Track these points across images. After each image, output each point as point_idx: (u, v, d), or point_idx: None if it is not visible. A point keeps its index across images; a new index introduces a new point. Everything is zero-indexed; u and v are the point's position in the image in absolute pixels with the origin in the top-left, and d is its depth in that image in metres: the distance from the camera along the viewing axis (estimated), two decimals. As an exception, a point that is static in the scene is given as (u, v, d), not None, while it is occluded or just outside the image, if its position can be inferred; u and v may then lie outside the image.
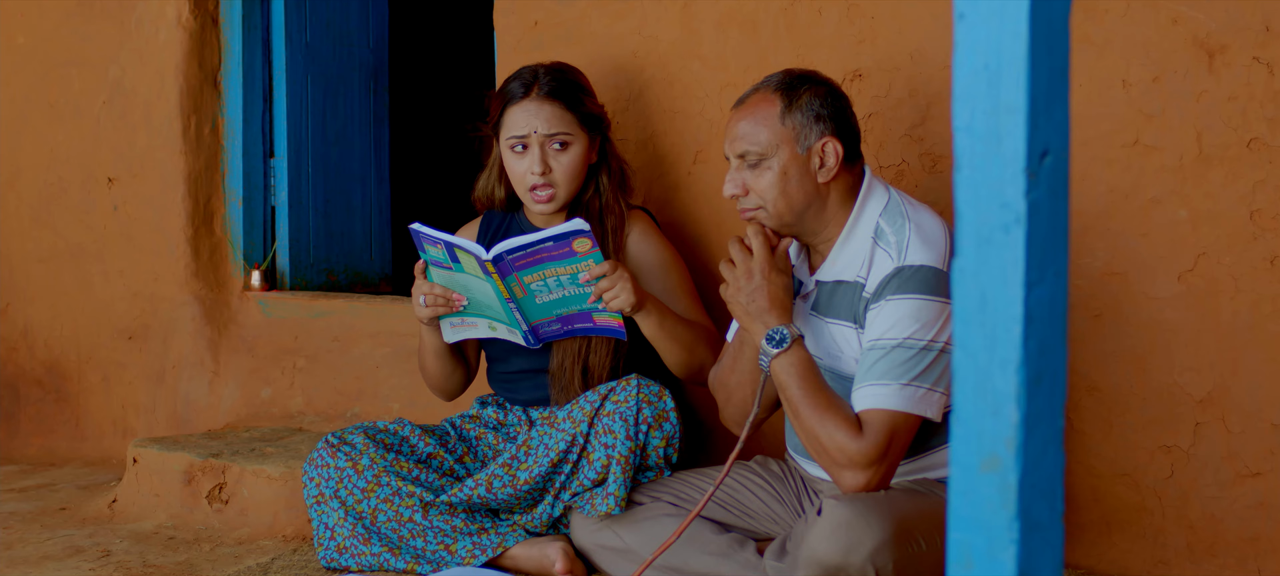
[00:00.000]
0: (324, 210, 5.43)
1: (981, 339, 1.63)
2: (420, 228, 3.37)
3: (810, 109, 3.02)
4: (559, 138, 3.61)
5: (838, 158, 3.02)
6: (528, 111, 3.60)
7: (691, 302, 3.68)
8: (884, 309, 2.92)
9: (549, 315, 3.45)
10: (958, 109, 1.63)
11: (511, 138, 3.61)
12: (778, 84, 3.07)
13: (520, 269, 3.33)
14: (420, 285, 3.51)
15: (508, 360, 3.73)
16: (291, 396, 4.95)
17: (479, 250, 3.32)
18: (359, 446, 3.53)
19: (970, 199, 1.63)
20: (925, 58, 3.55)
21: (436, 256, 3.42)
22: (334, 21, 5.47)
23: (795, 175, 3.01)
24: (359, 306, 4.91)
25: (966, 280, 1.64)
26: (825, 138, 3.02)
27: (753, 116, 3.05)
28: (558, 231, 3.30)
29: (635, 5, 4.05)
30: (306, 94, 5.36)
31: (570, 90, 3.65)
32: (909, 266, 2.92)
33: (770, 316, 2.99)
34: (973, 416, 1.64)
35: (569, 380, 3.59)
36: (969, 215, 1.63)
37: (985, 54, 1.62)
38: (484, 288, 3.40)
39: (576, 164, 3.65)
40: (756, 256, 3.03)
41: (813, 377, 2.94)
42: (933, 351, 2.89)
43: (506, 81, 3.69)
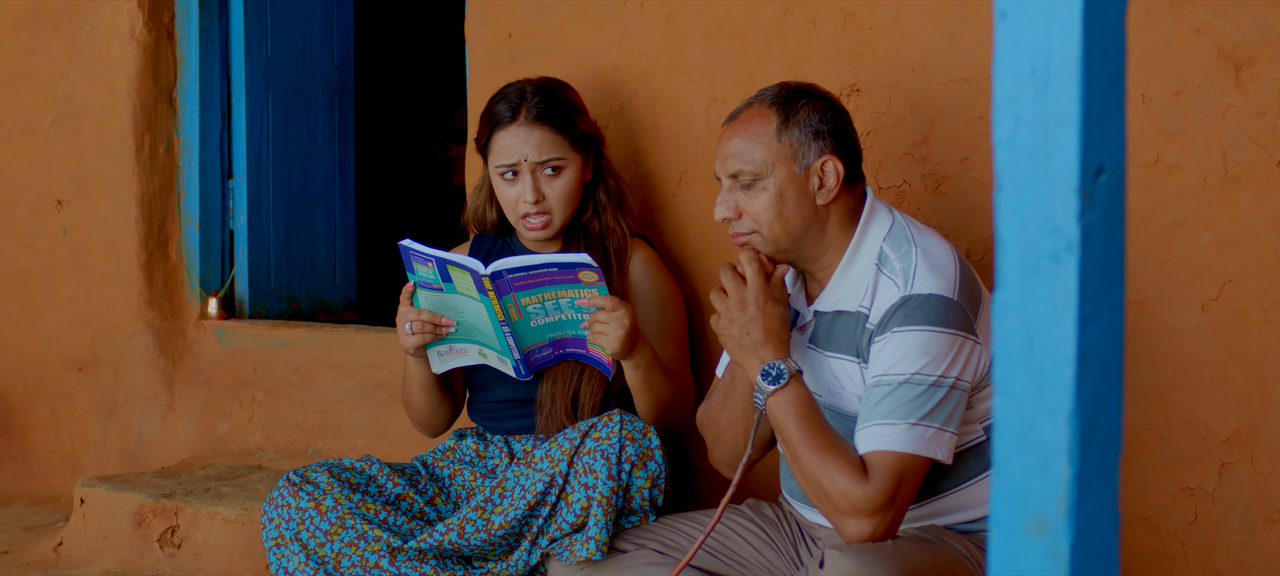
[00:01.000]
0: (285, 234, 5.40)
1: (1027, 383, 1.46)
2: (411, 244, 3.26)
3: (809, 125, 2.88)
4: (551, 163, 3.50)
5: (839, 177, 2.88)
6: (516, 137, 3.48)
7: (678, 351, 3.58)
8: (890, 342, 2.77)
9: (542, 339, 3.34)
10: (999, 121, 1.47)
11: (500, 165, 3.50)
12: (773, 98, 2.93)
13: (519, 289, 3.21)
14: (406, 311, 3.37)
15: (492, 388, 3.61)
16: (250, 431, 4.86)
17: (476, 265, 3.19)
18: (322, 485, 3.36)
19: (1014, 223, 1.46)
20: (928, 71, 3.42)
21: (426, 276, 3.29)
22: (296, 35, 5.45)
23: (792, 197, 2.87)
24: (322, 336, 4.86)
25: (1009, 316, 1.47)
26: (825, 156, 2.88)
27: (746, 133, 2.90)
28: (563, 259, 3.18)
29: (616, 16, 3.93)
30: (267, 111, 5.34)
31: (561, 111, 3.53)
32: (917, 295, 2.78)
33: (766, 350, 2.84)
34: (1017, 472, 1.47)
35: (556, 410, 3.46)
36: (1012, 242, 1.46)
37: (1031, 57, 1.45)
38: (476, 309, 3.27)
39: (571, 188, 3.53)
40: (750, 285, 2.89)
41: (813, 417, 2.79)
42: (943, 387, 2.74)
43: (493, 101, 3.56)
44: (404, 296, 3.38)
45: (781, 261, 2.95)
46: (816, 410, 2.81)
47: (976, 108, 3.33)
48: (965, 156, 3.36)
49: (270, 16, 5.34)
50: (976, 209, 3.35)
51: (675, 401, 3.42)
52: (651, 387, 3.36)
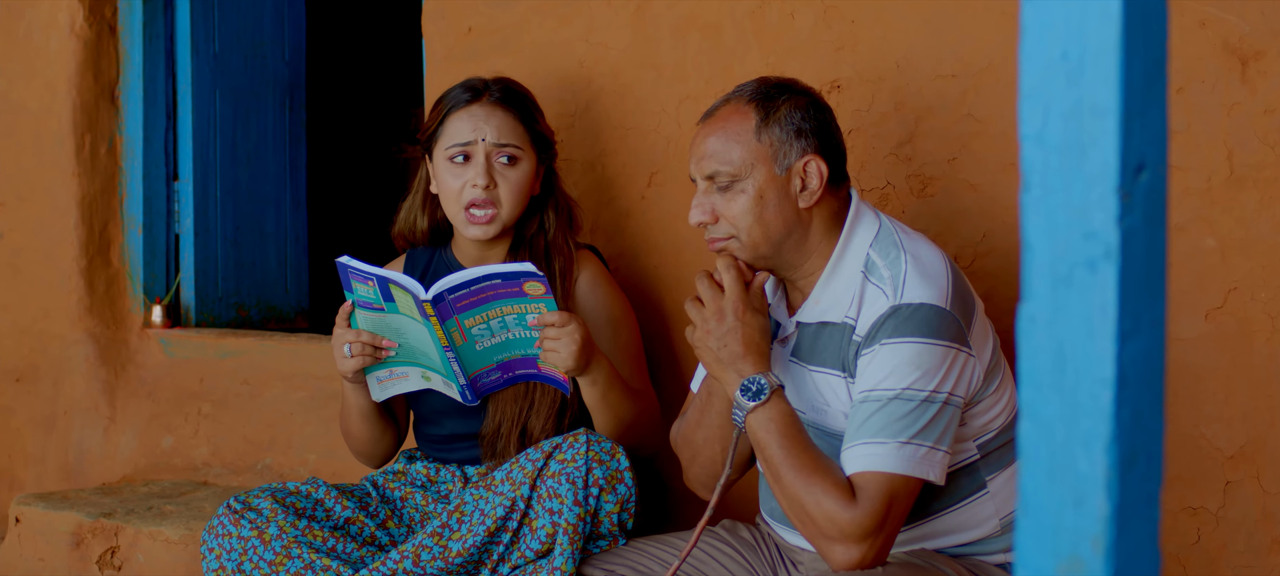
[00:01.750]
0: (234, 238, 5.31)
1: (1058, 408, 1.32)
2: (349, 261, 3.11)
3: (790, 122, 2.76)
4: (509, 150, 3.37)
5: (822, 179, 2.76)
6: (475, 116, 3.36)
7: (637, 369, 3.45)
8: (879, 354, 2.65)
9: (489, 362, 3.21)
10: (1026, 112, 1.33)
11: (453, 146, 3.35)
12: (752, 94, 2.80)
13: (462, 310, 3.09)
14: (343, 333, 3.23)
15: (439, 422, 3.46)
16: (196, 446, 4.76)
17: (416, 288, 3.06)
18: (266, 512, 3.21)
19: (1043, 227, 1.32)
20: (913, 66, 3.30)
21: (366, 296, 3.15)
22: (245, 31, 5.36)
23: (773, 199, 2.75)
24: (272, 345, 4.77)
25: (1038, 331, 1.32)
26: (807, 156, 2.75)
27: (723, 132, 2.78)
28: (507, 269, 3.05)
29: (582, 9, 3.82)
30: (214, 110, 5.24)
31: (523, 102, 3.44)
32: (907, 305, 2.65)
33: (745, 364, 2.72)
34: (1047, 507, 1.32)
35: (505, 445, 3.32)
36: (1041, 248, 1.32)
37: (1063, 40, 1.31)
38: (419, 332, 3.14)
39: (523, 184, 3.40)
40: (728, 294, 2.75)
41: (796, 435, 2.67)
42: (935, 403, 2.62)
43: (449, 90, 3.44)
44: (341, 317, 3.24)
45: (761, 269, 2.82)
46: (800, 428, 2.69)
47: (965, 105, 3.23)
48: (953, 156, 3.25)
49: (218, 11, 5.24)
50: (965, 212, 3.25)
51: (638, 420, 3.30)
52: (611, 405, 3.23)
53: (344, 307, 3.22)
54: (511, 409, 3.32)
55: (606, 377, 3.18)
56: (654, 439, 3.36)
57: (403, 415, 3.54)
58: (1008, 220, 3.18)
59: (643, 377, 3.45)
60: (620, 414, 3.24)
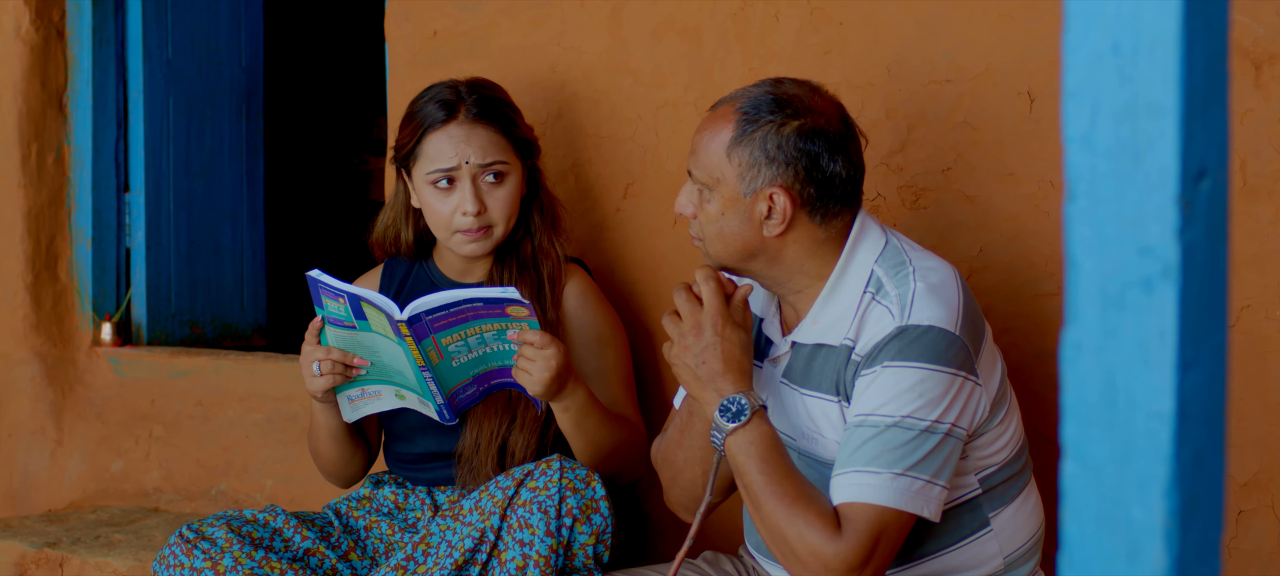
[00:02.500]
0: (187, 253, 5.21)
1: (1109, 446, 1.18)
2: (320, 276, 3.00)
3: (763, 147, 2.62)
4: (495, 167, 3.24)
5: (785, 215, 2.62)
6: (455, 138, 3.22)
7: (624, 391, 3.34)
8: (880, 377, 2.53)
9: (465, 377, 3.10)
10: (1071, 112, 1.20)
11: (435, 171, 3.21)
12: (745, 103, 2.67)
13: (439, 330, 2.98)
14: (312, 350, 3.11)
15: (412, 440, 3.33)
16: (147, 470, 4.67)
17: (391, 308, 2.95)
18: (220, 542, 3.08)
19: (1091, 242, 1.19)
20: (906, 70, 3.20)
21: (337, 313, 3.04)
22: (200, 35, 5.25)
23: (734, 220, 2.66)
24: (227, 365, 4.66)
25: (1085, 360, 1.19)
26: (774, 187, 2.62)
27: (707, 133, 2.69)
28: (489, 294, 2.93)
29: (554, 10, 3.71)
30: (168, 118, 5.14)
31: (501, 110, 3.30)
32: (914, 326, 2.53)
33: (724, 382, 2.61)
34: (1095, 560, 1.20)
35: (482, 463, 3.19)
36: (1089, 265, 1.19)
37: (1114, 30, 1.17)
38: (393, 350, 3.03)
39: (513, 196, 3.29)
40: (707, 307, 2.65)
41: (778, 460, 2.55)
42: (936, 434, 2.50)
43: (420, 102, 3.29)
44: (310, 333, 3.12)
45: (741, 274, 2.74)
46: (782, 451, 2.58)
47: (960, 112, 3.13)
48: (947, 166, 3.15)
49: (171, 15, 5.12)
50: (960, 224, 3.14)
51: (618, 449, 3.17)
52: (586, 433, 3.11)
53: (314, 323, 3.11)
54: (491, 425, 3.21)
55: (580, 406, 3.07)
56: (637, 468, 3.25)
57: (375, 434, 3.44)
58: (1006, 232, 3.08)
59: (630, 401, 3.34)
60: (597, 442, 3.12)
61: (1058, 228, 3.00)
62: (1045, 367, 3.04)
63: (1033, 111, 3.02)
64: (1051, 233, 3.01)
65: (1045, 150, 3.01)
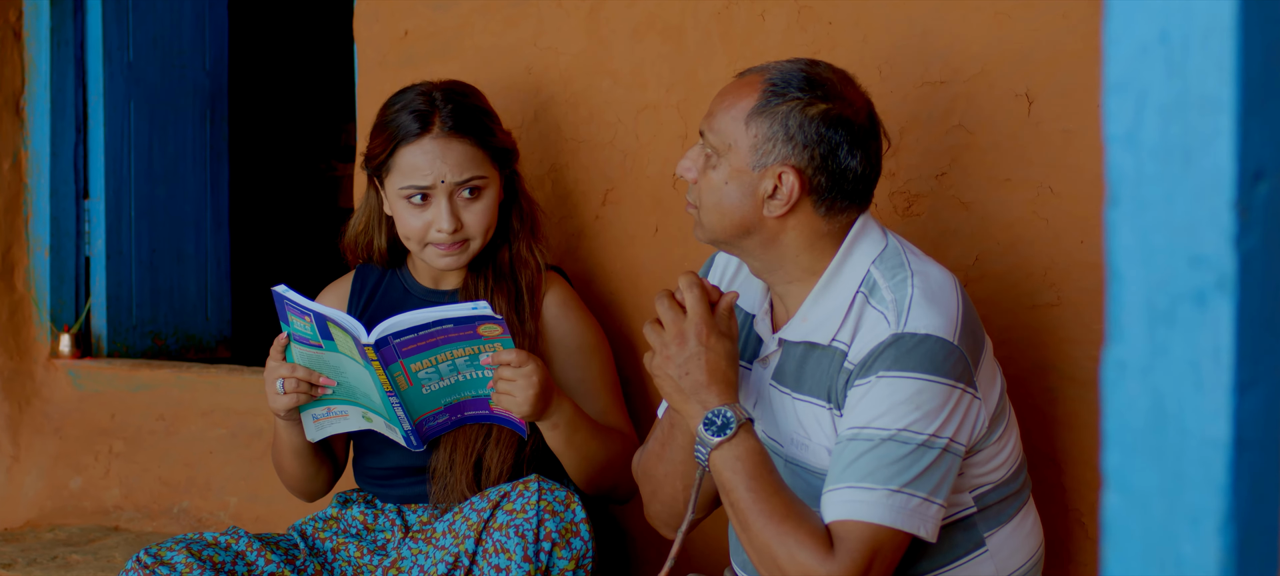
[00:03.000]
0: (149, 261, 5.16)
1: (1156, 475, 1.09)
2: (287, 293, 2.93)
3: (784, 123, 2.56)
4: (471, 183, 3.15)
5: (791, 196, 2.56)
6: (429, 153, 3.11)
7: (612, 399, 3.26)
8: (875, 388, 2.46)
9: (436, 405, 3.02)
10: (1114, 108, 1.10)
11: (408, 187, 3.12)
12: (772, 77, 2.60)
13: (408, 354, 2.90)
14: (277, 367, 3.03)
15: (382, 453, 3.23)
16: (106, 487, 4.61)
17: (358, 331, 2.87)
18: (180, 567, 3.00)
19: (1135, 251, 1.09)
20: (896, 71, 3.13)
21: (302, 331, 2.97)
22: (162, 37, 5.20)
23: (736, 192, 2.59)
24: (190, 378, 4.63)
25: (1129, 381, 1.09)
26: (785, 166, 2.56)
27: (729, 99, 2.62)
28: (460, 314, 2.85)
29: (530, 10, 3.64)
30: (129, 122, 5.09)
31: (478, 119, 3.19)
32: (911, 335, 2.46)
33: (709, 394, 2.54)
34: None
35: (455, 481, 3.10)
36: (1133, 277, 1.09)
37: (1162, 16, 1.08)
38: (360, 372, 2.96)
39: (491, 208, 3.19)
40: (691, 315, 2.58)
41: (766, 476, 2.49)
42: (933, 449, 2.43)
43: (392, 110, 3.19)
44: (275, 349, 3.04)
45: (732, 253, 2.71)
46: (770, 467, 2.51)
47: (954, 115, 3.05)
48: (941, 172, 3.08)
49: (132, 16, 5.07)
50: (955, 232, 3.06)
51: (612, 462, 3.10)
52: (578, 448, 3.03)
53: (279, 339, 3.03)
54: (465, 441, 3.12)
55: (569, 420, 2.99)
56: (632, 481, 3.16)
57: (342, 448, 3.36)
58: (1003, 240, 3.01)
59: (619, 411, 3.27)
60: (590, 455, 3.05)
61: (1057, 235, 2.94)
62: (1044, 381, 2.97)
63: (1031, 114, 2.94)
64: (1050, 240, 2.94)
65: (1044, 154, 2.93)
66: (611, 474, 3.09)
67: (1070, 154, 2.90)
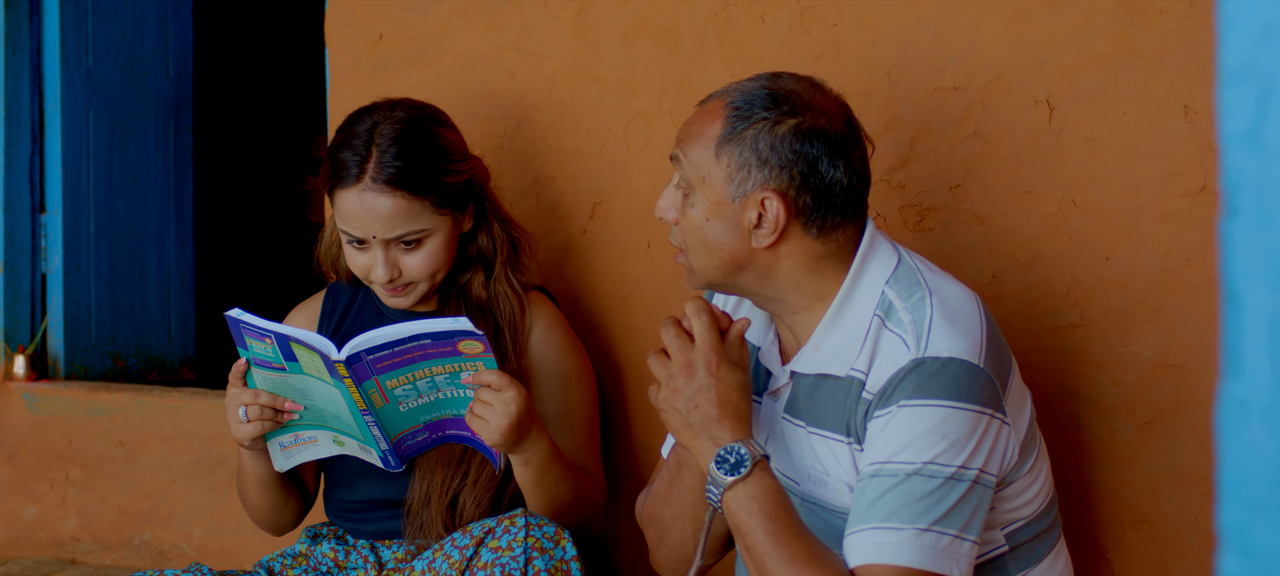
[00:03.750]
0: (109, 278, 5.19)
1: None
2: (241, 316, 2.79)
3: (755, 147, 2.45)
4: (408, 237, 3.01)
5: (778, 222, 2.44)
6: (361, 204, 2.97)
7: (587, 437, 3.14)
8: (897, 419, 2.34)
9: (415, 423, 2.90)
10: (1229, 102, 0.97)
11: (344, 232, 3.01)
12: (737, 98, 2.49)
13: (382, 371, 2.77)
14: (239, 394, 2.89)
15: (354, 486, 3.12)
16: (63, 517, 4.57)
17: (326, 348, 2.74)
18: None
19: (1259, 270, 0.95)
20: (906, 76, 3.02)
21: (263, 354, 2.84)
22: (124, 43, 5.25)
23: (719, 228, 2.48)
24: (151, 401, 4.59)
25: (1252, 424, 0.95)
26: (766, 191, 2.44)
27: (696, 127, 2.52)
28: (438, 328, 2.71)
29: (514, 11, 3.56)
30: (88, 132, 5.11)
31: (420, 168, 3.00)
32: (933, 359, 2.35)
33: (720, 429, 2.41)
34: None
35: (432, 519, 2.98)
36: (1257, 301, 0.96)
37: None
38: (329, 392, 2.83)
39: (437, 256, 3.05)
40: (700, 344, 2.45)
41: (785, 517, 2.36)
42: (963, 482, 2.31)
43: (339, 137, 3.05)
44: (234, 375, 2.89)
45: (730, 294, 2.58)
46: (789, 508, 2.39)
47: (970, 122, 2.94)
48: (956, 183, 2.97)
49: (92, 21, 5.11)
50: (970, 249, 2.96)
51: (576, 505, 2.96)
52: (546, 489, 2.90)
53: (238, 364, 2.89)
54: (441, 477, 3.00)
55: (543, 458, 2.85)
56: (594, 525, 3.07)
57: (312, 478, 3.26)
58: (1022, 257, 2.90)
59: (592, 450, 3.15)
60: (556, 497, 2.92)
61: (1081, 251, 2.83)
62: (1067, 408, 2.86)
63: (1053, 121, 2.84)
64: (1073, 257, 2.84)
65: (1066, 165, 2.83)
66: (575, 517, 2.97)
67: (1094, 164, 2.80)
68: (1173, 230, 2.76)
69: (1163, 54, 2.75)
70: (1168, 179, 2.76)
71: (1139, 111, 2.78)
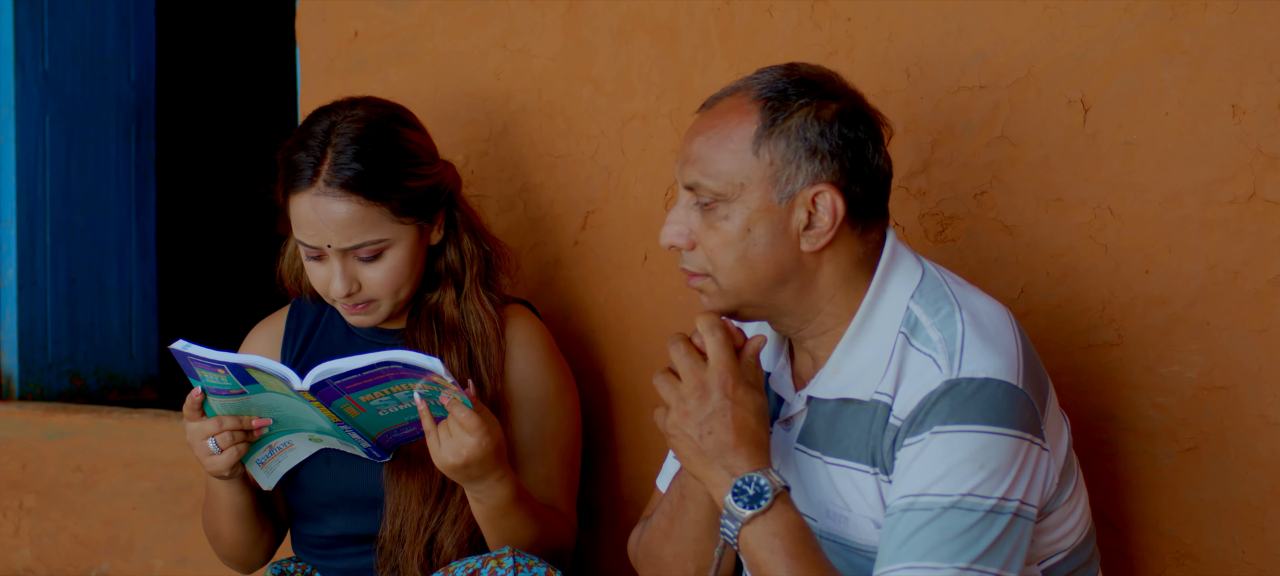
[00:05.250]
0: (67, 293, 5.18)
1: None
2: (187, 348, 2.67)
3: (803, 136, 2.34)
4: (365, 245, 2.88)
5: (835, 218, 2.35)
6: (314, 210, 2.86)
7: (560, 471, 3.03)
8: (930, 447, 2.25)
9: (400, 421, 2.80)
10: None
11: (300, 242, 2.91)
12: (764, 88, 2.39)
13: (354, 391, 2.68)
14: (202, 427, 2.78)
15: (322, 520, 3.02)
16: (16, 547, 4.58)
17: (288, 375, 2.64)
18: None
19: None
20: (928, 74, 2.95)
21: (217, 383, 2.73)
22: (83, 45, 5.23)
23: (764, 235, 2.36)
24: (111, 424, 4.55)
25: None
26: (819, 185, 2.34)
27: (716, 132, 2.39)
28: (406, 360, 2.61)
29: (499, 6, 3.54)
30: (44, 139, 5.10)
31: (379, 172, 2.89)
32: (968, 380, 2.26)
33: (736, 457, 2.31)
34: None
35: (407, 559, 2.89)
36: None
37: None
38: (296, 403, 2.74)
39: (400, 269, 2.93)
40: (714, 364, 2.35)
41: (811, 555, 2.27)
42: (1004, 514, 2.22)
43: (290, 144, 2.96)
44: (190, 407, 2.77)
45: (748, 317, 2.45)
46: (814, 545, 2.30)
47: (996, 125, 2.87)
48: (981, 190, 2.90)
49: (48, 21, 5.12)
50: (996, 260, 2.88)
51: (535, 548, 2.85)
52: (500, 531, 2.80)
53: (193, 395, 2.77)
54: (417, 511, 2.90)
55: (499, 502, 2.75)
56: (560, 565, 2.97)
57: (283, 510, 3.17)
58: (1053, 270, 2.82)
59: (563, 484, 3.04)
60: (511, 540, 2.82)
61: (1117, 265, 2.76)
62: (1103, 433, 2.80)
63: (1087, 123, 2.76)
64: (1109, 270, 2.76)
65: (1102, 170, 2.75)
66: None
67: (1132, 170, 2.72)
68: (1218, 241, 2.69)
69: (1208, 50, 2.69)
70: (1213, 186, 2.69)
71: (1181, 112, 2.71)
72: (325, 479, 2.95)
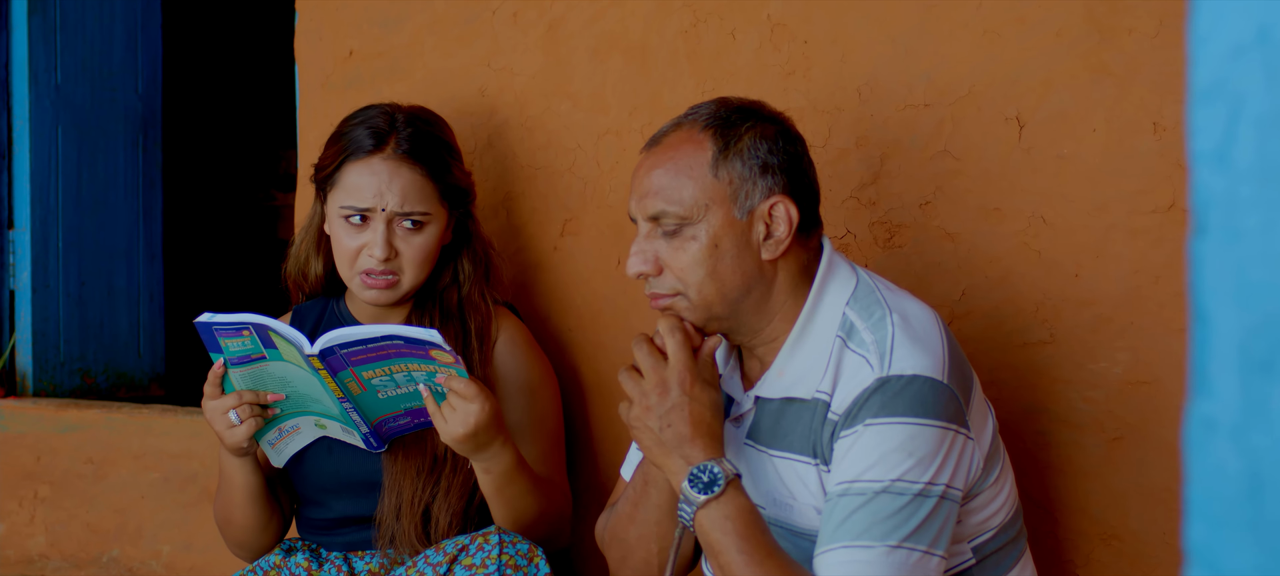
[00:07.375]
0: (78, 295, 5.16)
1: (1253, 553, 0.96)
2: (213, 319, 2.77)
3: (754, 155, 2.45)
4: (414, 216, 3.02)
5: (791, 225, 2.45)
6: (377, 175, 2.99)
7: (550, 446, 3.13)
8: (863, 438, 2.34)
9: (396, 409, 2.89)
10: (1199, 121, 0.98)
11: (348, 206, 3.00)
12: (709, 118, 2.48)
13: (358, 364, 2.78)
14: (222, 401, 2.86)
15: (324, 503, 3.09)
16: (31, 535, 4.53)
17: (300, 340, 2.73)
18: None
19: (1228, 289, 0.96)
20: (877, 93, 2.99)
21: (241, 349, 2.82)
22: (92, 59, 5.22)
23: (730, 249, 2.44)
24: (121, 418, 4.51)
25: (1219, 442, 0.97)
26: (775, 197, 2.44)
27: (673, 163, 2.47)
28: (409, 334, 2.70)
29: (484, 28, 3.53)
30: (56, 148, 5.09)
31: (437, 151, 3.06)
32: (897, 377, 2.35)
33: (693, 448, 2.40)
34: None
35: (404, 532, 2.95)
36: (1225, 320, 0.97)
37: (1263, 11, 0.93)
38: (308, 377, 2.83)
39: (429, 248, 3.06)
40: (673, 363, 2.44)
41: (759, 536, 2.35)
42: (931, 498, 2.30)
43: (350, 122, 3.07)
44: (212, 383, 2.86)
45: (712, 332, 2.51)
46: (763, 527, 2.38)
47: (940, 140, 2.92)
48: (926, 200, 2.95)
49: (60, 37, 5.09)
50: (940, 266, 2.93)
51: (541, 518, 2.94)
52: (509, 500, 2.88)
53: (214, 372, 2.85)
54: (412, 490, 2.98)
55: (505, 468, 2.83)
56: (560, 537, 3.05)
57: (289, 499, 3.23)
58: (991, 274, 2.88)
59: (556, 461, 3.13)
60: (519, 510, 2.90)
61: (1050, 269, 2.81)
62: (1036, 425, 2.84)
63: (1022, 139, 2.82)
64: (1043, 274, 2.82)
65: (1036, 182, 2.81)
66: (539, 530, 2.95)
67: (1064, 181, 2.78)
68: (1142, 248, 2.74)
69: (1133, 72, 2.73)
70: (1137, 197, 2.74)
71: (1108, 129, 2.76)
72: (328, 466, 3.03)
